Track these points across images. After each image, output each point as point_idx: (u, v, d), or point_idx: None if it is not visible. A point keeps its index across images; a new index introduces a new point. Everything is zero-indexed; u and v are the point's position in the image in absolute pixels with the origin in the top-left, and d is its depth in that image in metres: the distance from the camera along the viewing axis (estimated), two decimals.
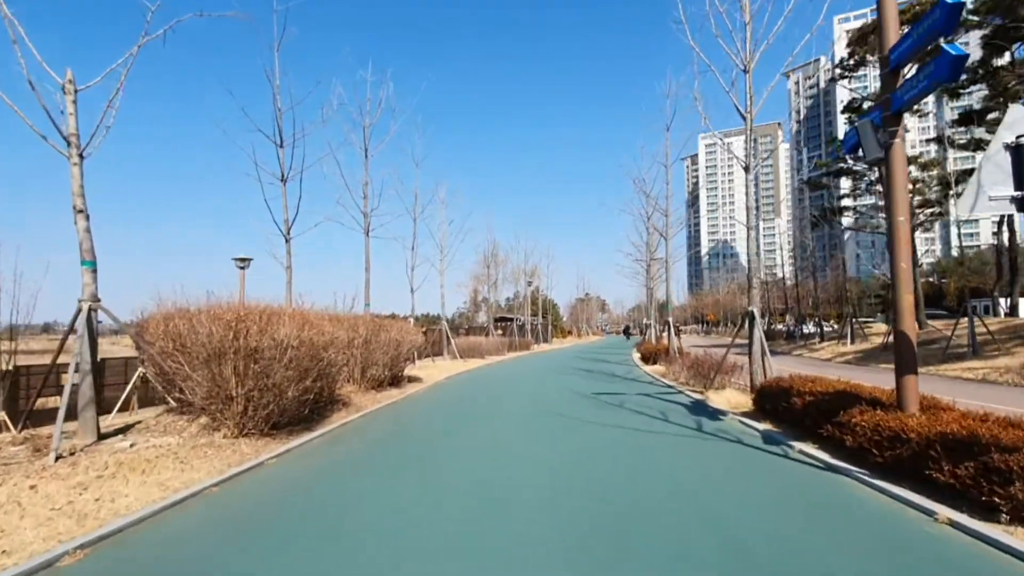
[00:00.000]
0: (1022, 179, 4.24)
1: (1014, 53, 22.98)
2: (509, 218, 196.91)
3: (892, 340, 6.61)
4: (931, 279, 54.92)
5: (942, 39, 5.16)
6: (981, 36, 23.34)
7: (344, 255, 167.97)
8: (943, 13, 4.85)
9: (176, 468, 5.90)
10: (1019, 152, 4.25)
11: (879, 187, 31.64)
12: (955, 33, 5.36)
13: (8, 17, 6.73)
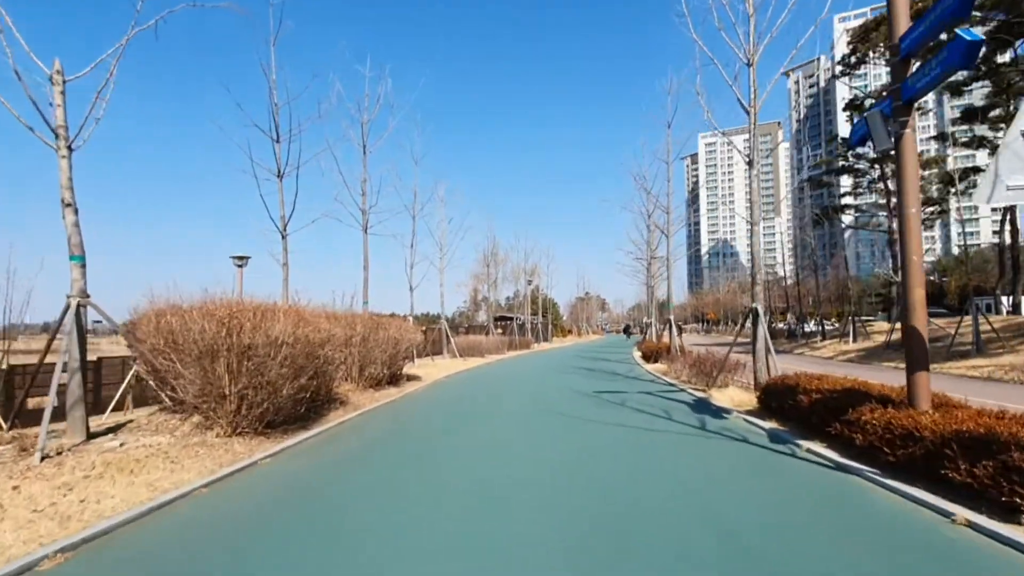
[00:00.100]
0: None
1: (1017, 49, 22.84)
2: (509, 218, 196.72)
3: (894, 338, 6.47)
4: (932, 278, 54.78)
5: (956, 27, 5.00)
6: (984, 32, 23.20)
7: (343, 255, 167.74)
8: None
9: (166, 468, 5.74)
10: None
11: (880, 185, 31.50)
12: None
13: None
